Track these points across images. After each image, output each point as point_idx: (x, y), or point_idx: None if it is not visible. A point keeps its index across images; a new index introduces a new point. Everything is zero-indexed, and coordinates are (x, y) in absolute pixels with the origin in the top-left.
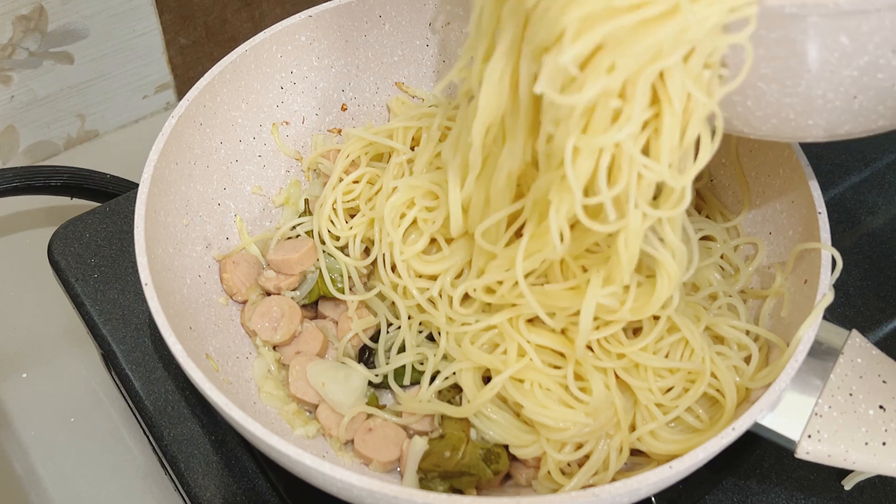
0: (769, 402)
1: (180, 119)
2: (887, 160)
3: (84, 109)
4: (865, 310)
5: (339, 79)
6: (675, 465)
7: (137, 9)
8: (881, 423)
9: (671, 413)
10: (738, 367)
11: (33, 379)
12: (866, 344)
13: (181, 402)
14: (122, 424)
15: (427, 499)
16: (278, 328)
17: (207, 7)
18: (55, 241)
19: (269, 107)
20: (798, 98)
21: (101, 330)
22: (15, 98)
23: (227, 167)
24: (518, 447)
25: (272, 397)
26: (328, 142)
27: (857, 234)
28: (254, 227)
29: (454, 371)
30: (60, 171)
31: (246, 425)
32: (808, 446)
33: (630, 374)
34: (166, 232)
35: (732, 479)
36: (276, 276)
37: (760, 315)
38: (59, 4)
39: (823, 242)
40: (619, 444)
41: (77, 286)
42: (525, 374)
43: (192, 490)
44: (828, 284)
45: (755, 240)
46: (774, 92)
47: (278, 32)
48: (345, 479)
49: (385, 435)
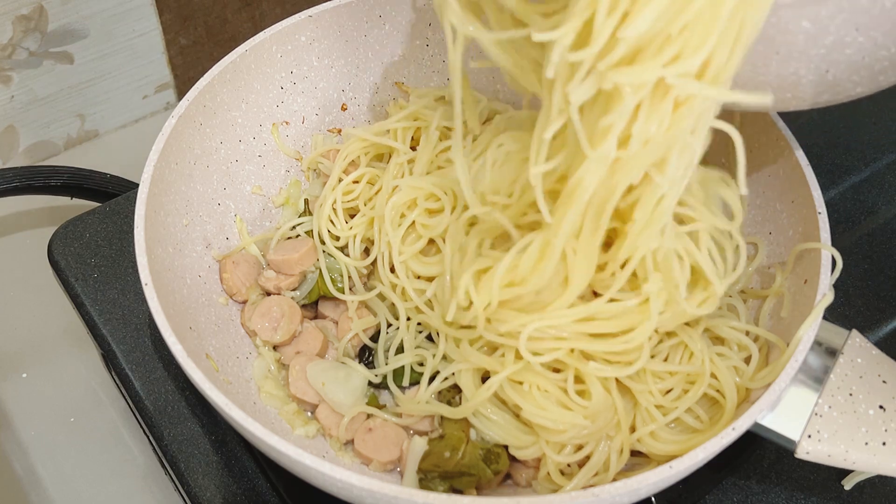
0: (769, 402)
1: (180, 119)
2: (887, 160)
3: (84, 109)
4: (865, 310)
5: (339, 79)
6: (675, 465)
7: (137, 9)
8: (881, 423)
9: (671, 414)
10: (738, 367)
11: (33, 379)
12: (866, 344)
13: (181, 402)
14: (122, 424)
15: (427, 499)
16: (278, 328)
17: (207, 7)
18: (55, 241)
19: (269, 107)
20: (771, 76)
21: (101, 330)
22: (15, 98)
23: (227, 167)
24: (517, 448)
25: (272, 397)
26: (328, 142)
27: (857, 234)
28: (254, 227)
29: (453, 372)
30: (60, 171)
31: (246, 425)
32: (808, 446)
33: (630, 378)
34: (166, 232)
35: (732, 479)
36: (276, 276)
37: (760, 315)
38: (59, 4)
39: (823, 242)
40: (619, 445)
41: (77, 286)
42: (524, 375)
43: (192, 490)
44: (828, 284)
45: (755, 240)
46: (748, 72)
47: (278, 32)
48: (345, 479)
49: (385, 435)
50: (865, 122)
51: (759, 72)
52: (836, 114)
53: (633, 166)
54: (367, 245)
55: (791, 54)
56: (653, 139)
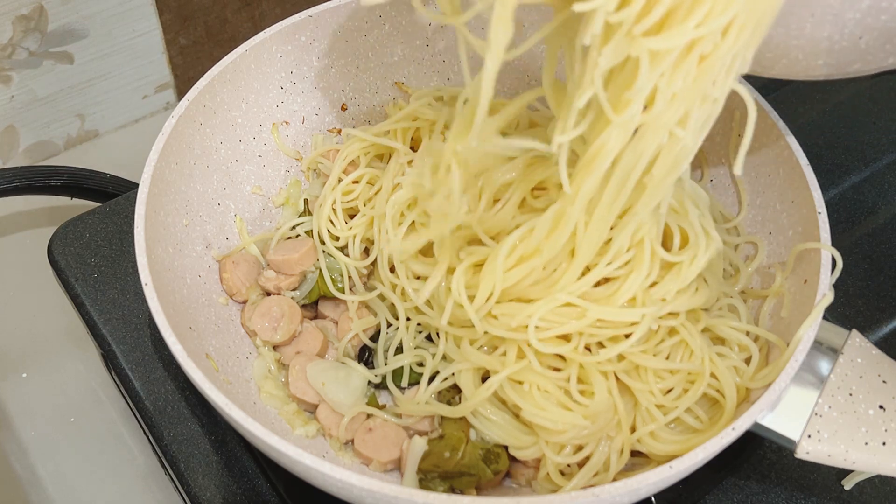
0: (769, 402)
1: (180, 119)
2: (887, 160)
3: (84, 109)
4: (865, 310)
5: (339, 79)
6: (675, 465)
7: (137, 9)
8: (881, 423)
9: (671, 414)
10: (738, 367)
11: (33, 379)
12: (866, 344)
13: (181, 402)
14: (122, 424)
15: (427, 499)
16: (278, 328)
17: (207, 7)
18: (55, 241)
19: (269, 107)
20: (804, 40)
21: (101, 330)
22: (15, 98)
23: (227, 167)
24: (517, 449)
25: (272, 397)
26: (328, 142)
27: (857, 234)
28: (254, 227)
29: (453, 372)
30: (60, 171)
31: (246, 425)
32: (808, 446)
33: (630, 377)
34: (166, 232)
35: (732, 479)
36: (276, 276)
37: (760, 315)
38: (59, 4)
39: (823, 242)
40: (620, 445)
41: (77, 286)
42: (524, 375)
43: (192, 490)
44: (828, 284)
45: (755, 239)
46: (781, 35)
47: (278, 32)
48: (345, 479)
49: (385, 435)
50: (865, 122)
51: (791, 35)
52: (836, 114)
53: (660, 125)
54: (367, 245)
55: (825, 17)
56: (679, 94)
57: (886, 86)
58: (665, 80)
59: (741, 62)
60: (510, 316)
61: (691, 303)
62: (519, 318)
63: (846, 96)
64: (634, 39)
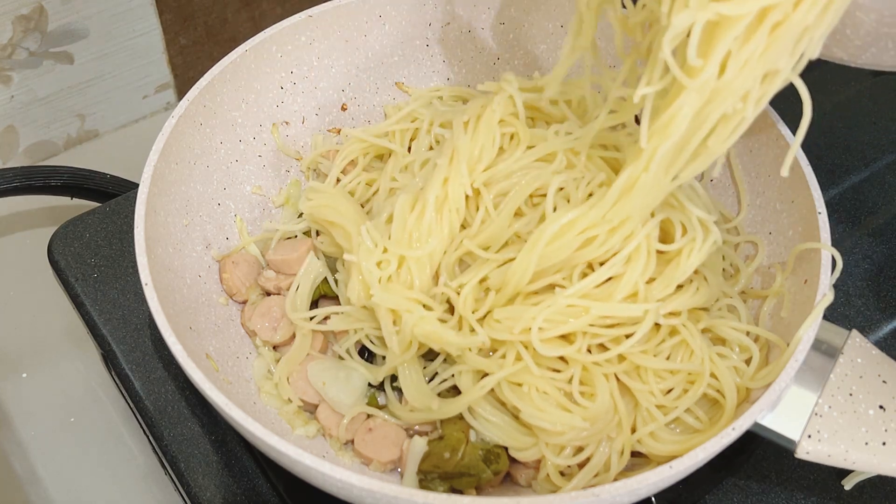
0: (769, 402)
1: (180, 119)
2: (887, 160)
3: (84, 109)
4: (865, 310)
5: (339, 79)
6: (675, 465)
7: (137, 9)
8: (881, 423)
9: (671, 414)
10: (738, 367)
11: (33, 379)
12: (866, 344)
13: (181, 402)
14: (122, 424)
15: (427, 499)
16: (278, 328)
17: (207, 7)
18: (55, 241)
19: (269, 107)
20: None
21: (101, 330)
22: (15, 98)
23: (227, 167)
24: (517, 450)
25: (272, 397)
26: (328, 142)
27: (857, 234)
28: (254, 227)
29: (452, 374)
30: (60, 171)
31: (246, 425)
32: (808, 446)
33: (631, 378)
34: (166, 232)
35: (732, 479)
36: (276, 276)
37: (760, 315)
38: (59, 4)
39: (823, 242)
40: (620, 446)
41: (77, 286)
42: (523, 377)
43: (192, 490)
44: (828, 284)
45: (755, 239)
46: (873, 21)
47: (278, 32)
48: (345, 479)
49: (385, 435)
50: (865, 122)
51: (885, 22)
52: (836, 114)
53: (730, 92)
54: None
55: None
56: (750, 61)
57: (886, 86)
58: (737, 46)
59: (810, 43)
60: (513, 319)
61: (693, 302)
62: (523, 320)
63: (846, 96)
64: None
